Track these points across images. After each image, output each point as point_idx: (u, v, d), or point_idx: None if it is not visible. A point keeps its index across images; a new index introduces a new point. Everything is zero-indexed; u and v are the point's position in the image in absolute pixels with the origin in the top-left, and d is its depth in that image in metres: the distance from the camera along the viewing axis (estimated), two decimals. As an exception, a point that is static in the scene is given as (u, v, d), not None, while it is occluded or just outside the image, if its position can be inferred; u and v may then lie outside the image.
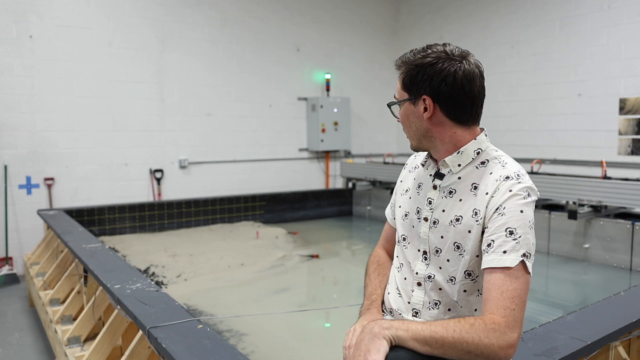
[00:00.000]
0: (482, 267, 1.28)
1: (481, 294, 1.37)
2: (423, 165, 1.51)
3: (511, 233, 1.25)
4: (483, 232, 1.32)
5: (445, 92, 1.33)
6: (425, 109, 1.36)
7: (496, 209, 1.29)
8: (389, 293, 1.53)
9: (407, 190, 1.55)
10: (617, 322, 1.97)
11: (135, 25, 6.08)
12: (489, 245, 1.28)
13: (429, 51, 1.36)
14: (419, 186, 1.50)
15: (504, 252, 1.24)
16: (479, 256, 1.33)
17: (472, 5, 7.28)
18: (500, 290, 1.22)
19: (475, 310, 1.39)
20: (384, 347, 1.13)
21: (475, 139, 1.39)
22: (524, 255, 1.24)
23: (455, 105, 1.35)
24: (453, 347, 1.15)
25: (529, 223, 1.28)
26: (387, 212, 1.70)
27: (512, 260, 1.23)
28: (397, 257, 1.56)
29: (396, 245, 1.57)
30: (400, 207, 1.56)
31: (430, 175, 1.46)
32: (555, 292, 4.51)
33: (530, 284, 1.28)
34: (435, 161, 1.46)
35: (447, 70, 1.32)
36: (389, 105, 1.48)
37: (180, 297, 3.84)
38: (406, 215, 1.51)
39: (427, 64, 1.34)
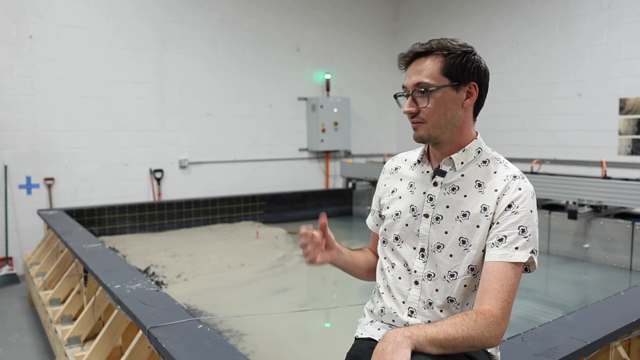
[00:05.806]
0: (491, 259, 1.32)
1: (477, 290, 1.39)
2: (418, 162, 1.52)
3: (523, 231, 1.32)
4: (490, 227, 1.36)
5: (485, 83, 1.42)
6: (468, 96, 1.39)
7: (508, 206, 1.34)
8: (382, 293, 1.53)
9: (393, 191, 1.55)
10: (617, 322, 1.97)
11: (135, 25, 6.08)
12: (500, 240, 1.33)
13: (460, 42, 1.39)
14: (411, 185, 1.51)
15: (516, 248, 1.31)
16: (484, 251, 1.37)
17: (472, 5, 7.28)
18: (501, 283, 1.29)
19: (467, 304, 1.41)
20: (407, 356, 1.15)
21: (477, 138, 1.45)
22: (532, 252, 1.32)
23: (483, 97, 1.43)
24: (461, 344, 1.21)
25: (536, 222, 1.36)
26: (369, 222, 1.70)
27: (524, 256, 1.31)
28: (384, 258, 1.55)
29: (382, 247, 1.57)
30: (388, 208, 1.55)
31: (428, 172, 1.48)
32: (555, 292, 4.51)
33: (530, 283, 1.32)
34: (429, 159, 1.49)
35: (483, 62, 1.41)
36: (425, 90, 1.36)
37: (180, 297, 3.84)
38: (397, 214, 1.51)
39: (470, 52, 1.38)
